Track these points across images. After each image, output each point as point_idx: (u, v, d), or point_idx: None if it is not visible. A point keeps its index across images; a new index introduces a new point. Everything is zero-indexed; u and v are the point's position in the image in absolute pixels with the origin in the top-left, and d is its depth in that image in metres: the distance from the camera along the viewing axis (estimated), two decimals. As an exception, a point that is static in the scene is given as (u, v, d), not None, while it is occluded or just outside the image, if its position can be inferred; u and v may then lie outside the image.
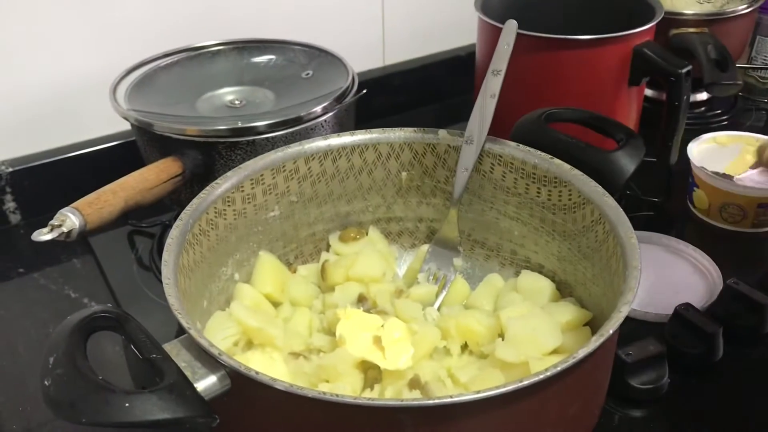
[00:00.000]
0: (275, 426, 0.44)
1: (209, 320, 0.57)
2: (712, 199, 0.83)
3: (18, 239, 0.87)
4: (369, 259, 0.64)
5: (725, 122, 1.06)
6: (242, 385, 0.43)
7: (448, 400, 0.39)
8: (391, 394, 0.51)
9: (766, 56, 1.13)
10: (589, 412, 0.50)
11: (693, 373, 0.66)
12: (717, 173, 0.82)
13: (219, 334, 0.55)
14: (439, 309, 0.63)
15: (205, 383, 0.43)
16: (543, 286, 0.60)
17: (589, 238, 0.56)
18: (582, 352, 0.41)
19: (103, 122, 0.89)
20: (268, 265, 0.63)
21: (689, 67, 0.77)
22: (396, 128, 0.65)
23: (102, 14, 0.87)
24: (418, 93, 1.11)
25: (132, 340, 0.43)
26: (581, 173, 0.57)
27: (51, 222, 0.59)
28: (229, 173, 0.59)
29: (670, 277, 0.77)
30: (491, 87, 0.62)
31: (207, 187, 0.58)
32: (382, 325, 0.56)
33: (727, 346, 0.67)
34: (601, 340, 0.42)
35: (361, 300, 0.61)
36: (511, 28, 0.64)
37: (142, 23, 0.89)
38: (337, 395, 0.39)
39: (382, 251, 0.67)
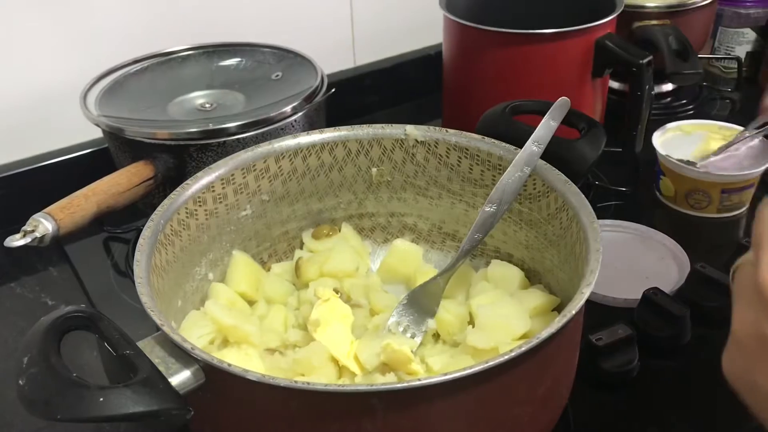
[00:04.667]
0: (250, 417, 0.45)
1: (184, 319, 0.58)
2: (678, 186, 0.85)
3: (-7, 249, 0.87)
4: (342, 254, 0.65)
5: (691, 112, 1.08)
6: (216, 378, 0.43)
7: (418, 382, 0.40)
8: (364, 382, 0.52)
9: (728, 46, 1.15)
10: (557, 393, 0.51)
11: (662, 356, 0.67)
12: (681, 160, 0.84)
13: (194, 332, 0.56)
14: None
15: (180, 378, 0.43)
16: (512, 274, 0.62)
17: (554, 225, 0.58)
18: (546, 333, 0.42)
19: (74, 130, 0.89)
20: (242, 264, 0.64)
21: (650, 58, 0.79)
22: (364, 125, 0.65)
23: (71, 23, 0.87)
24: (390, 92, 1.13)
25: (105, 338, 0.44)
26: (545, 162, 0.58)
27: (24, 228, 0.60)
28: (199, 174, 0.60)
29: (640, 263, 0.78)
30: (528, 159, 0.58)
31: (177, 188, 0.59)
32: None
33: (695, 329, 0.69)
34: (564, 320, 0.43)
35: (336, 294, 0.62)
36: (562, 104, 0.61)
37: (111, 30, 0.90)
38: (308, 383, 0.40)
39: (356, 247, 0.68)
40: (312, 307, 0.58)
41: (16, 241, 0.58)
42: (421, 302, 0.60)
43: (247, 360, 0.54)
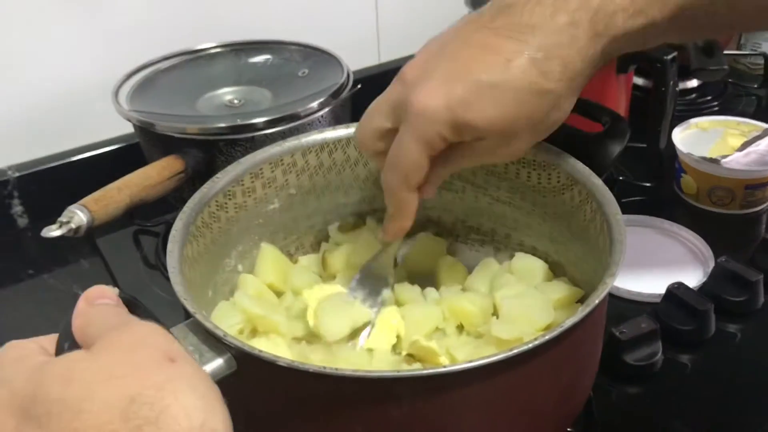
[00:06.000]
0: (280, 403, 0.46)
1: (214, 310, 0.59)
2: (700, 183, 0.85)
3: (27, 242, 0.90)
4: (368, 247, 0.66)
5: (716, 108, 1.08)
6: (248, 365, 0.45)
7: (442, 369, 0.41)
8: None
9: (755, 43, 1.15)
10: (580, 384, 0.52)
11: (686, 350, 0.68)
12: (704, 158, 0.84)
13: (224, 322, 0.57)
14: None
15: (213, 366, 0.44)
16: (536, 266, 0.62)
17: (578, 217, 0.58)
18: (569, 322, 0.43)
19: (106, 125, 0.91)
20: (269, 256, 0.65)
21: (674, 53, 0.79)
22: (390, 120, 0.66)
23: (103, 21, 0.90)
24: (414, 89, 1.13)
25: (141, 325, 0.45)
26: (568, 155, 0.59)
27: (59, 219, 0.62)
28: (228, 168, 0.61)
29: (663, 258, 0.79)
30: None
31: (208, 182, 0.60)
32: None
33: (718, 323, 0.69)
34: (588, 309, 0.44)
35: None
36: None
37: (142, 29, 0.92)
38: (336, 369, 0.41)
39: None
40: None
41: (52, 231, 0.60)
42: (374, 275, 0.61)
43: (275, 348, 0.56)
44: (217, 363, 0.45)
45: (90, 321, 0.37)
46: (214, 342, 0.45)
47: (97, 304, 0.38)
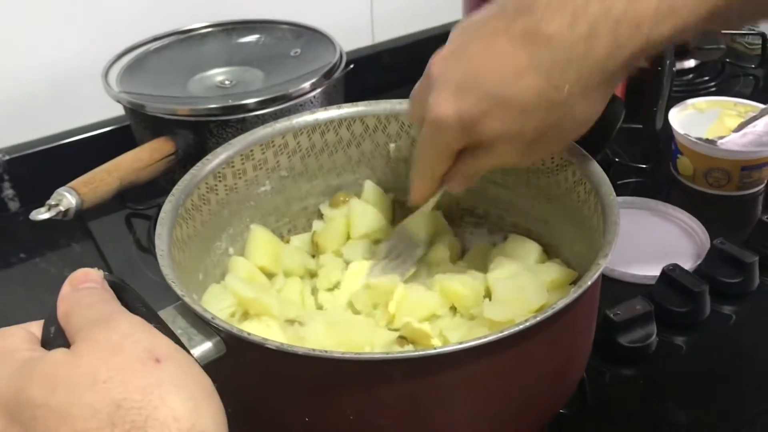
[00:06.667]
0: (270, 386, 0.46)
1: (205, 293, 0.59)
2: (697, 164, 0.84)
3: (18, 226, 0.89)
4: (361, 215, 0.65)
5: (713, 88, 1.07)
6: (237, 348, 0.44)
7: (432, 351, 0.40)
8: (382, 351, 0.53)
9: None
10: (573, 366, 0.51)
11: (681, 331, 0.68)
12: (701, 139, 0.83)
13: (215, 305, 0.57)
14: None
15: (202, 349, 0.44)
16: (529, 248, 0.62)
17: (572, 199, 0.58)
18: (560, 303, 0.42)
19: (97, 107, 0.91)
20: (260, 238, 0.64)
21: (671, 32, 0.78)
22: (382, 100, 0.66)
23: (92, 1, 0.88)
24: (409, 70, 1.11)
25: (129, 309, 0.44)
26: (562, 136, 0.58)
27: (48, 201, 0.61)
28: (218, 149, 0.61)
29: (658, 239, 0.78)
30: None
31: (198, 164, 0.59)
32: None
33: (713, 304, 0.69)
34: (580, 291, 0.43)
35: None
36: None
37: (132, 8, 0.91)
38: (326, 351, 0.41)
39: (374, 202, 0.68)
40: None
41: (41, 214, 0.60)
42: (405, 237, 0.63)
43: (268, 331, 0.55)
44: (206, 346, 0.44)
45: (74, 307, 0.37)
46: (203, 325, 0.45)
47: (82, 288, 0.38)
